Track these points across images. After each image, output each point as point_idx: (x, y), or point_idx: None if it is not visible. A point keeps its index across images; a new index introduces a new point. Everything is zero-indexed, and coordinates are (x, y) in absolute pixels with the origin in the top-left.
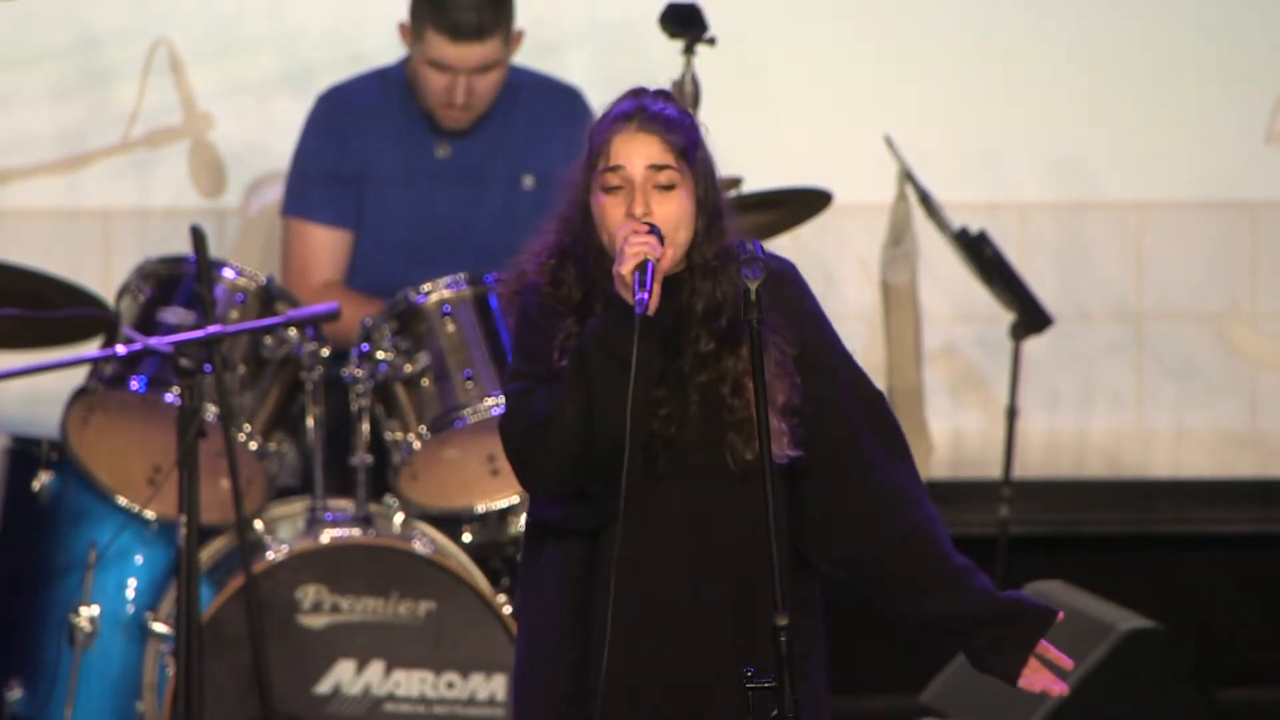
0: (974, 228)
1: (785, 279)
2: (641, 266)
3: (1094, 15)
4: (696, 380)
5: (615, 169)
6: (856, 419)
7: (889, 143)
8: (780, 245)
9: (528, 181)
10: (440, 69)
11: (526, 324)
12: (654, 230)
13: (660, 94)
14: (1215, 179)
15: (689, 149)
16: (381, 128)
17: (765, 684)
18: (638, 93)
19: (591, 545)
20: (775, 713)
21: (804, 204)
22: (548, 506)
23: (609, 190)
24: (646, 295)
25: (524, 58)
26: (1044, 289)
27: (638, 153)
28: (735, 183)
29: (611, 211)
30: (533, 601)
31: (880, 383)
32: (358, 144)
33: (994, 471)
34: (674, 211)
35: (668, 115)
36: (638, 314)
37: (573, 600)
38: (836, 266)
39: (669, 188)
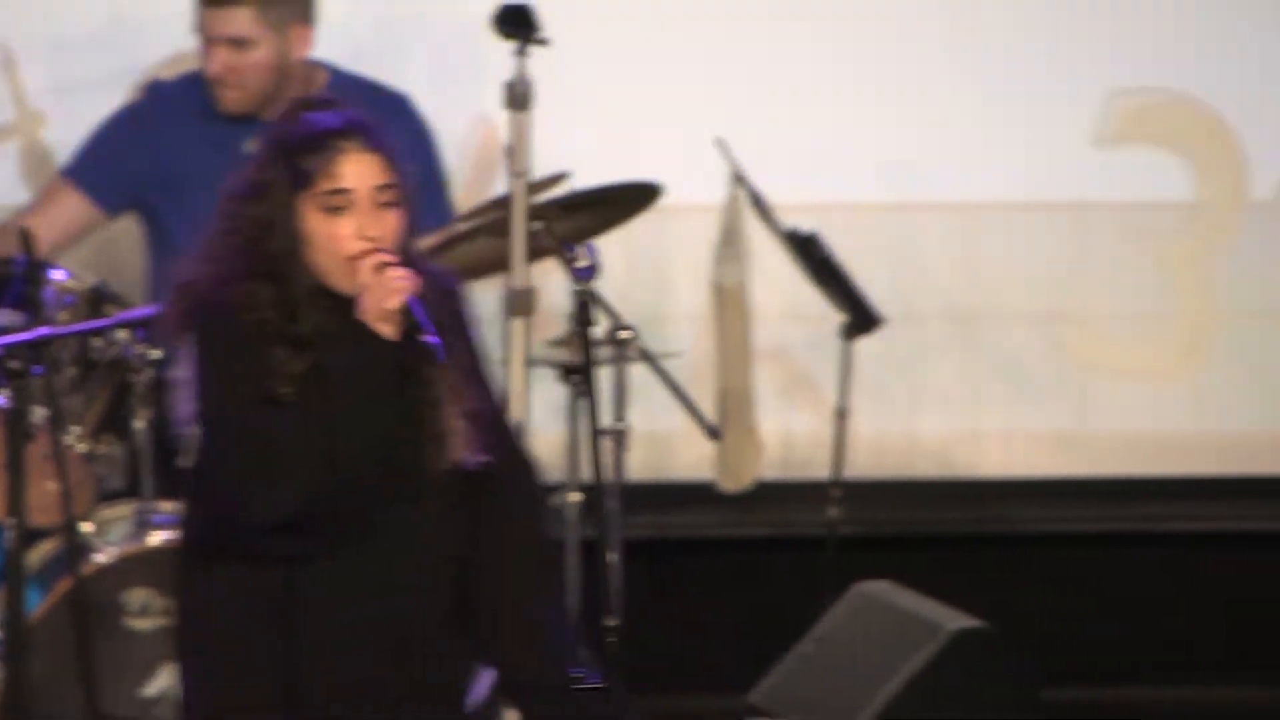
0: (805, 229)
1: (452, 290)
2: (406, 303)
3: (923, 15)
4: (410, 397)
5: (342, 191)
6: (511, 433)
7: (720, 145)
8: (612, 246)
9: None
10: (204, 39)
11: (226, 349)
12: (404, 261)
13: (326, 102)
14: (1045, 179)
15: (400, 164)
16: (191, 124)
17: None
18: (325, 104)
19: (293, 572)
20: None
21: (633, 199)
22: (242, 533)
23: (333, 210)
24: (436, 338)
25: (353, 58)
26: (874, 290)
27: (365, 172)
28: (559, 179)
29: (337, 232)
30: (218, 629)
31: (711, 383)
32: (165, 139)
33: (823, 472)
34: (395, 229)
35: (381, 131)
36: (440, 358)
37: (273, 628)
38: (668, 268)
39: (390, 205)
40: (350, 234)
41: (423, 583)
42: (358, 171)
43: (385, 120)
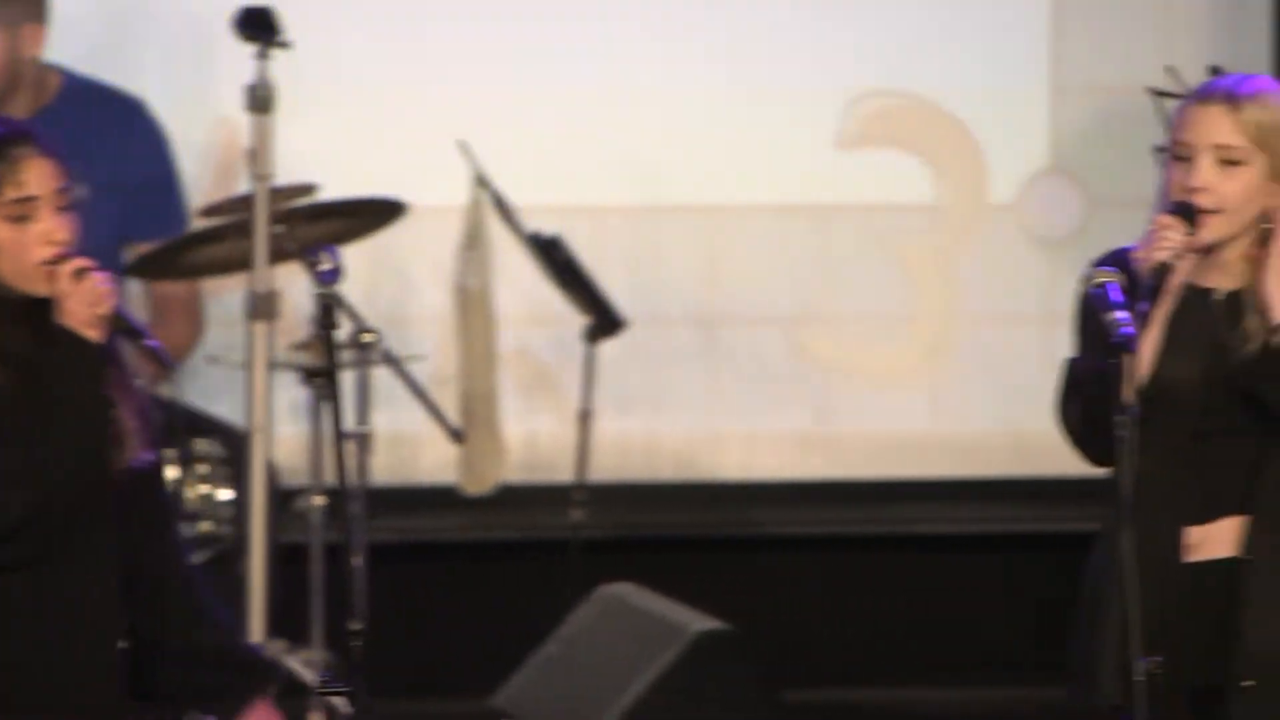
0: (547, 231)
1: None
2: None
3: (666, 16)
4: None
5: (29, 199)
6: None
7: (463, 147)
8: (354, 249)
9: (77, 191)
10: None
11: None
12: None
13: None
14: (787, 183)
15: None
16: None
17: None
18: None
19: (34, 578)
20: None
21: (377, 214)
22: None
23: (19, 219)
24: (155, 341)
25: (92, 61)
26: (617, 292)
27: (46, 177)
28: (308, 189)
29: (25, 239)
30: None
31: (455, 386)
32: None
33: (567, 475)
34: (74, 232)
35: (48, 135)
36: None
37: (20, 634)
38: (411, 270)
39: (68, 208)
40: (39, 240)
41: (110, 593)
42: (40, 177)
43: (121, 124)
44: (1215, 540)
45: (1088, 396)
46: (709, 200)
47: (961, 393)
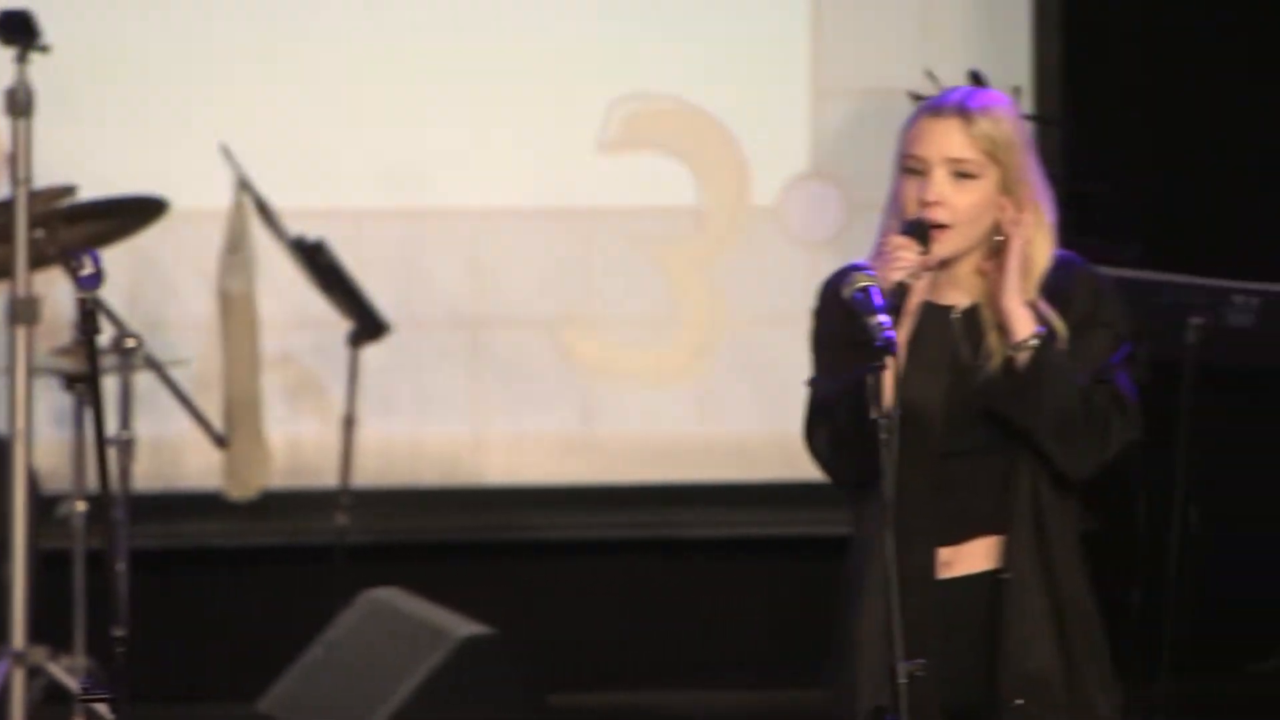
0: (311, 236)
1: None
2: None
3: (429, 20)
4: None
5: None
6: None
7: (224, 151)
8: (117, 253)
9: None
10: None
11: None
12: None
13: None
14: (550, 186)
15: None
16: None
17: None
18: None
19: None
20: None
21: (138, 213)
22: None
23: None
24: None
25: None
26: (381, 297)
27: None
28: (68, 191)
29: None
30: None
31: (218, 391)
32: None
33: (331, 480)
34: None
35: None
36: None
37: None
38: (174, 274)
39: None
40: None
41: None
42: None
43: None
44: (968, 558)
45: (837, 416)
46: (472, 204)
47: (726, 395)
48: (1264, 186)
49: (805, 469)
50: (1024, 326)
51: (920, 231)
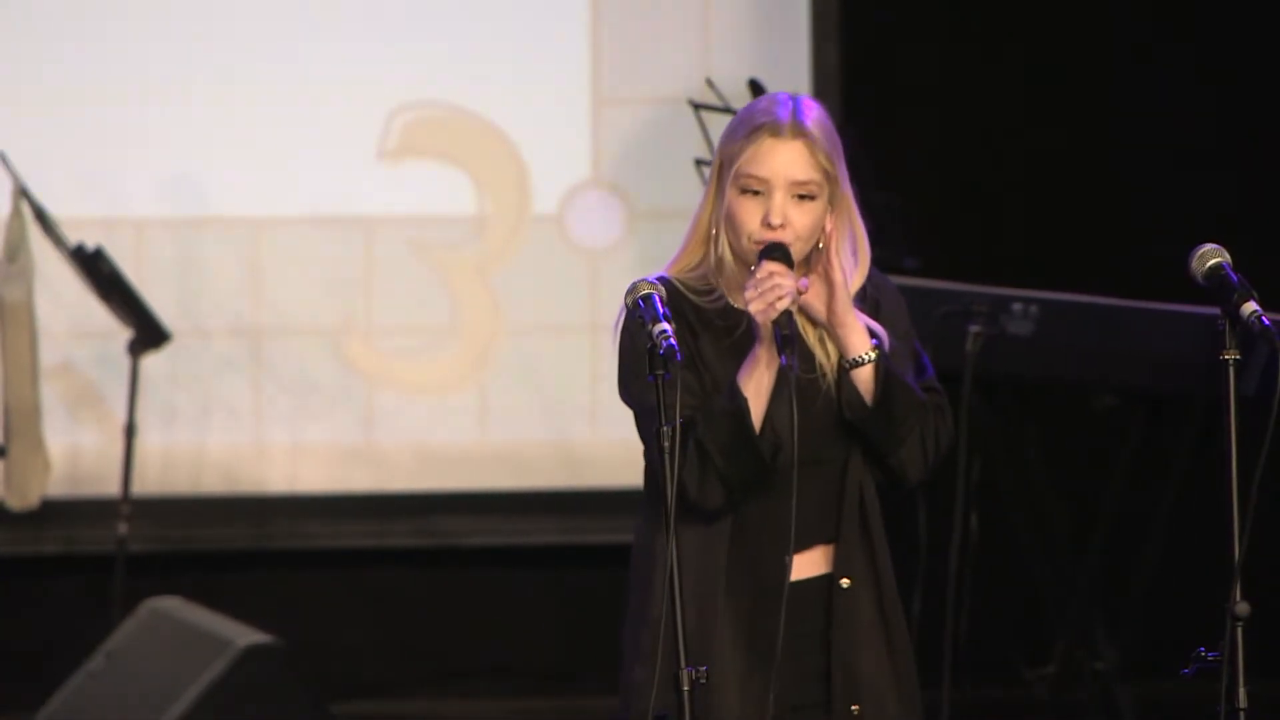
0: (91, 244)
1: None
2: None
3: (209, 29)
4: None
5: None
6: None
7: (2, 158)
8: None
9: None
10: None
11: None
12: None
13: None
14: (331, 195)
15: None
16: None
17: None
18: None
19: None
20: None
21: None
22: None
23: None
24: None
25: None
26: (162, 305)
27: None
28: None
29: None
30: None
31: None
32: None
33: (112, 489)
34: None
35: None
36: None
37: None
38: None
39: None
40: None
41: None
42: None
43: None
44: (805, 564)
45: (712, 433)
46: (251, 212)
47: (508, 404)
48: (1043, 192)
49: (584, 476)
50: (860, 340)
51: (784, 255)
